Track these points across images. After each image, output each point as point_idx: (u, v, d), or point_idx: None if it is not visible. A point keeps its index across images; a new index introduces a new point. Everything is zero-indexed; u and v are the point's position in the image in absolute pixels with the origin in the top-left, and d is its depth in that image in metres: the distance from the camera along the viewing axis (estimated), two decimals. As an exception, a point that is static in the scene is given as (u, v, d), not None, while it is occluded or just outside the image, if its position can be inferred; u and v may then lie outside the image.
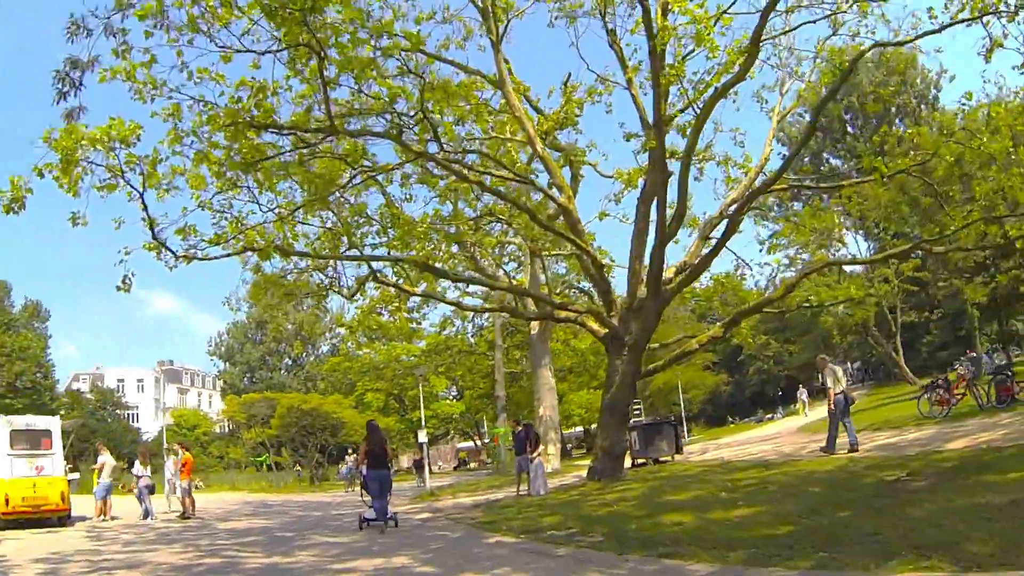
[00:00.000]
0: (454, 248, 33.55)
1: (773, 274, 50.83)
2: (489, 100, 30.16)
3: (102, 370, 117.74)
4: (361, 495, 21.72)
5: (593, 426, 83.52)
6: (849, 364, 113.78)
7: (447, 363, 73.56)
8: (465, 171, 26.20)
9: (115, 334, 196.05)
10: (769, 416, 79.49)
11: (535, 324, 43.80)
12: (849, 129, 73.17)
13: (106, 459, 29.48)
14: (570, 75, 31.83)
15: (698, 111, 24.58)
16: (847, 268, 57.49)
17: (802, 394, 66.64)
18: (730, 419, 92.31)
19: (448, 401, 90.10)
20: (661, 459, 33.71)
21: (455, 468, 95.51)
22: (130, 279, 21.51)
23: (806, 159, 67.64)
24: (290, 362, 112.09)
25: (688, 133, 26.38)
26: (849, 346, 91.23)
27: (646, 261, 27.81)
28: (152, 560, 15.29)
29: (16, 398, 74.38)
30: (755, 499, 15.50)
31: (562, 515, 17.96)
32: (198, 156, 21.34)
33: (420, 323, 45.74)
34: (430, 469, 47.29)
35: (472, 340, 73.52)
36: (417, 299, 35.88)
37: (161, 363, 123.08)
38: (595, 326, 30.64)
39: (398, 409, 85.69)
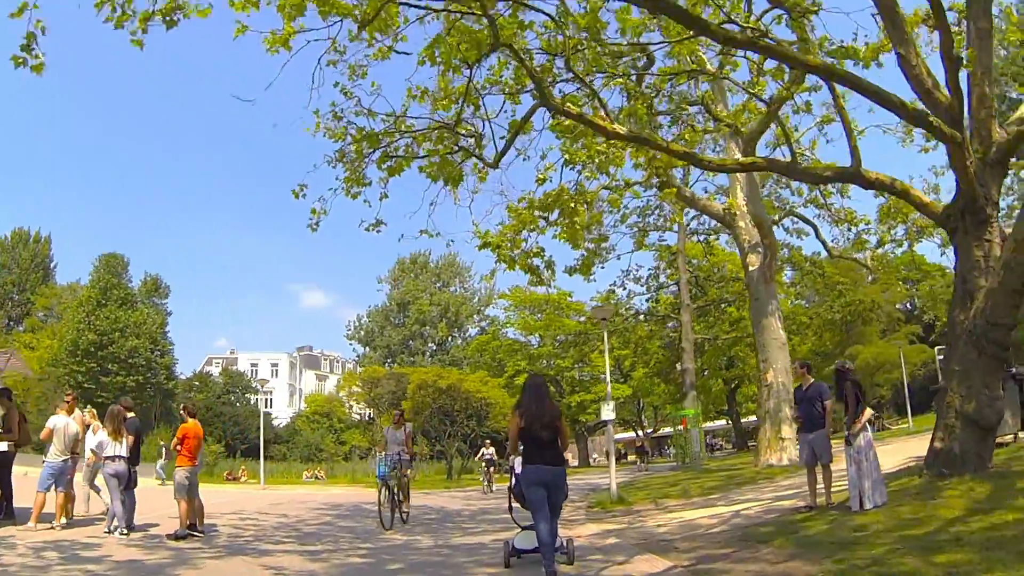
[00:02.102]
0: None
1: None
2: None
3: (236, 354, 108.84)
4: (509, 506, 12.28)
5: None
6: None
7: (618, 329, 58.72)
8: None
9: (265, 326, 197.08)
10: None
11: (753, 259, 31.10)
12: None
13: (57, 422, 16.12)
14: None
15: None
16: None
17: None
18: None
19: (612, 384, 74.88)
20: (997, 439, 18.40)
21: (618, 461, 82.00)
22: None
23: None
24: (434, 347, 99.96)
25: None
26: None
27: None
28: None
29: (128, 375, 67.82)
30: None
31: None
32: None
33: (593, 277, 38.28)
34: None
35: (646, 305, 58.26)
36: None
37: (300, 348, 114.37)
38: (924, 198, 17.66)
39: (554, 394, 71.54)
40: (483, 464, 38.08)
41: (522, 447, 10.85)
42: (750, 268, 31.26)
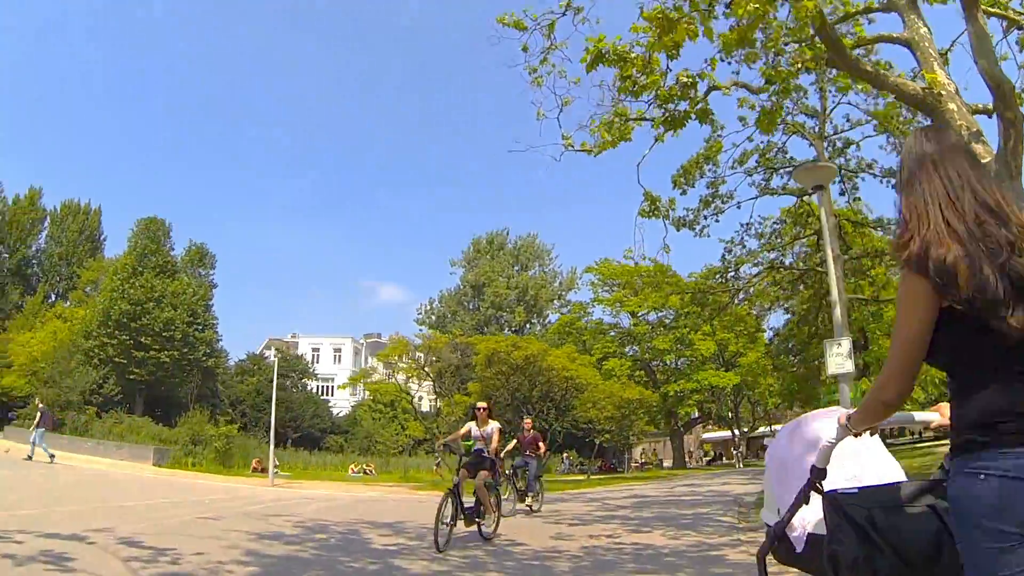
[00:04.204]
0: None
1: None
2: None
3: (296, 337, 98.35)
4: None
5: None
6: None
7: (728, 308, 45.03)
8: None
9: (337, 318, 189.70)
10: None
11: (979, 150, 18.05)
12: None
13: None
14: None
15: None
16: None
17: None
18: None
19: (715, 371, 62.12)
20: None
21: (708, 464, 70.77)
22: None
23: None
24: (511, 333, 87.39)
25: None
26: None
27: None
28: None
29: (163, 349, 58.10)
30: None
31: None
32: None
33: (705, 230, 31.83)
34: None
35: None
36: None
37: (367, 335, 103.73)
38: None
39: (647, 382, 59.41)
40: (454, 463, 14.00)
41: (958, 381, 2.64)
42: (986, 158, 18.95)
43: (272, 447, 34.79)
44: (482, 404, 14.50)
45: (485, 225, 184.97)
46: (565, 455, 64.45)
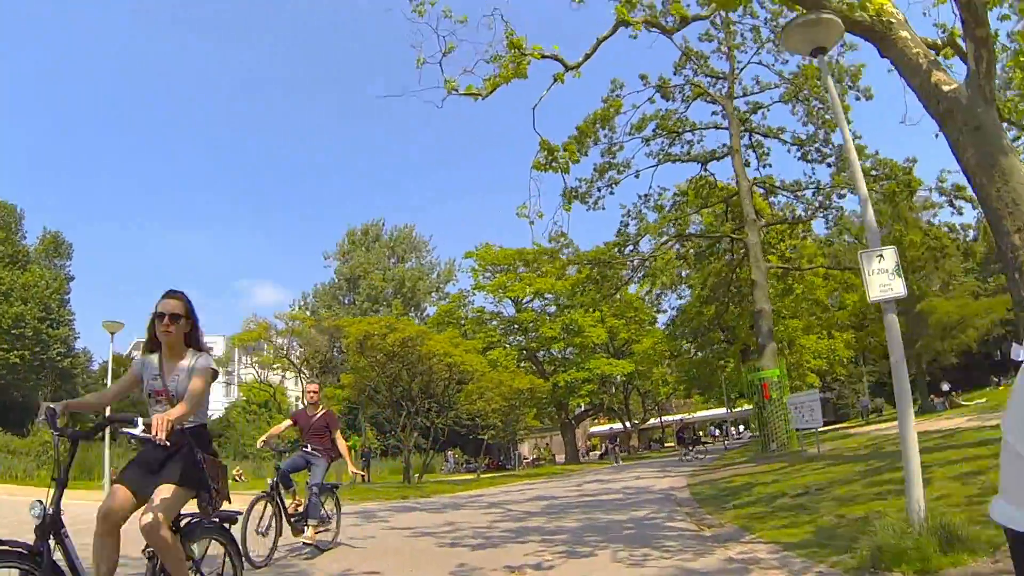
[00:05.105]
0: None
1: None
2: None
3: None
4: None
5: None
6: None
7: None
8: None
9: (213, 321, 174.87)
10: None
11: (943, 77, 14.53)
12: None
13: None
14: None
15: None
16: None
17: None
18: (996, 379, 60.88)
19: (607, 360, 58.87)
20: None
21: (600, 458, 69.27)
22: None
23: None
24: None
25: None
26: None
27: None
28: None
29: (12, 349, 52.77)
30: None
31: None
32: None
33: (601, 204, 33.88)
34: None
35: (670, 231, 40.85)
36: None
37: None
38: None
39: (534, 373, 56.15)
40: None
41: None
42: (944, 89, 15.31)
43: (108, 453, 29.08)
44: (171, 305, 5.64)
45: (365, 218, 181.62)
46: (450, 453, 61.47)
